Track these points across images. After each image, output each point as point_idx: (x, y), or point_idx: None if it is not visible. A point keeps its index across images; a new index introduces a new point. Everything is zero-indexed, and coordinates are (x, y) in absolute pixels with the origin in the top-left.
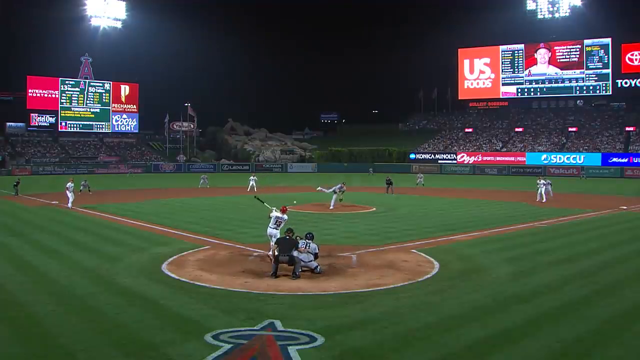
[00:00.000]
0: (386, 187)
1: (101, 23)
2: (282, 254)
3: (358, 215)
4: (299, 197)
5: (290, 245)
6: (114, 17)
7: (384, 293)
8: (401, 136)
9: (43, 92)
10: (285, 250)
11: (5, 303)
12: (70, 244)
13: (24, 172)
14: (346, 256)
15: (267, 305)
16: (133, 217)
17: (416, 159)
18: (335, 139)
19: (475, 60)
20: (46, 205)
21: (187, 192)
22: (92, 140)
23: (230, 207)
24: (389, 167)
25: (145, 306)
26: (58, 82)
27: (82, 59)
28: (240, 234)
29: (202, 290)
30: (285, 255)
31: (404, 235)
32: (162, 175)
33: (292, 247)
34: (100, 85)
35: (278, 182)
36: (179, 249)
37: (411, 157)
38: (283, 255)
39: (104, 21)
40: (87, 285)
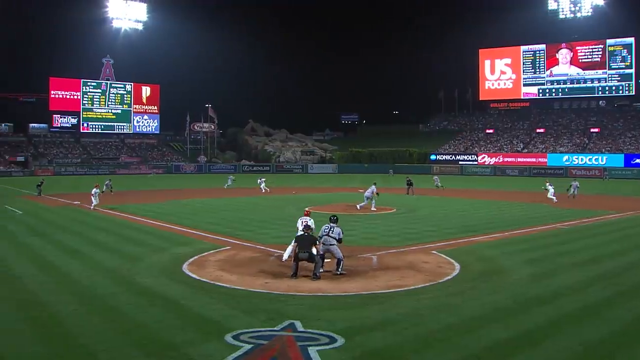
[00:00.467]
0: (406, 188)
1: (122, 25)
2: (302, 251)
3: (379, 216)
4: (321, 198)
5: (310, 242)
6: (135, 18)
7: (404, 294)
8: (422, 137)
9: (65, 93)
10: (305, 247)
11: (27, 303)
12: (92, 244)
13: (47, 172)
14: (367, 257)
15: (287, 306)
16: (154, 218)
17: (437, 160)
18: (356, 140)
19: (496, 60)
20: (68, 206)
21: (207, 192)
22: (113, 141)
23: (251, 207)
24: (409, 168)
25: (166, 306)
26: (80, 83)
27: (103, 61)
28: (260, 234)
29: (222, 290)
30: (305, 252)
31: (424, 236)
32: (182, 176)
33: (312, 244)
34: (121, 86)
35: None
36: (199, 249)
37: (432, 158)
38: (303, 252)
39: (125, 23)
40: (108, 285)
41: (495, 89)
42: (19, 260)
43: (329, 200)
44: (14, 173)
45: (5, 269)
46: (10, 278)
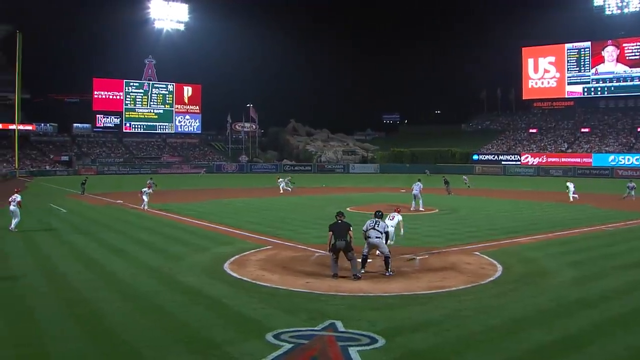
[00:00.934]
0: (445, 187)
1: (164, 25)
2: (339, 239)
3: (420, 217)
4: (362, 198)
5: (346, 229)
6: (176, 19)
7: (446, 295)
8: (464, 137)
9: (108, 94)
10: (341, 235)
11: (72, 300)
12: (135, 243)
13: (90, 171)
14: (408, 258)
15: (328, 306)
16: (196, 217)
17: (479, 160)
18: (397, 140)
19: (539, 59)
20: (111, 205)
21: (249, 192)
22: (155, 141)
23: (292, 207)
24: (451, 168)
25: (208, 305)
26: (123, 84)
27: (145, 61)
28: (301, 234)
29: (263, 289)
30: (342, 240)
31: (466, 237)
32: (224, 176)
33: (347, 230)
34: (163, 86)
35: (340, 182)
36: (240, 248)
37: (474, 158)
38: (340, 240)
39: (167, 23)
40: (151, 284)
41: (538, 88)
42: (64, 258)
43: (370, 200)
44: (58, 172)
45: (51, 266)
46: (56, 275)
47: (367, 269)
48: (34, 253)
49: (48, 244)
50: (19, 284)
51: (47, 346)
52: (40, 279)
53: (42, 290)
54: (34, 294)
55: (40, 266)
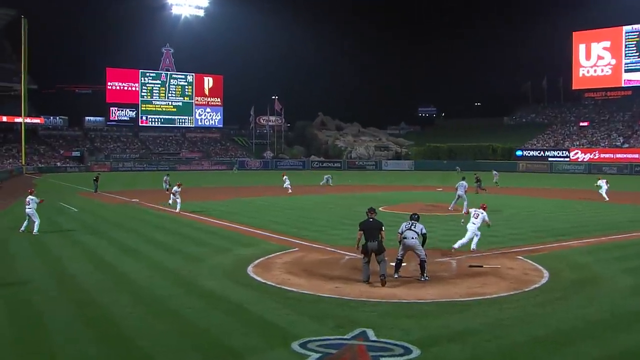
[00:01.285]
0: (476, 185)
1: (182, 12)
2: (371, 239)
3: (457, 217)
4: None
5: (377, 229)
6: (195, 4)
7: (486, 303)
8: (506, 131)
9: (123, 84)
10: (372, 235)
11: (83, 303)
12: (151, 244)
13: (103, 168)
14: (445, 261)
15: (358, 313)
16: (217, 216)
17: (523, 157)
18: (434, 134)
19: (592, 44)
20: (126, 203)
21: (274, 190)
22: (173, 136)
23: (320, 207)
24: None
25: (229, 310)
26: (138, 74)
27: (163, 50)
28: (330, 235)
29: (289, 294)
30: (374, 241)
31: (508, 239)
32: (247, 173)
33: (379, 230)
34: (182, 77)
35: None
36: (265, 250)
37: (517, 154)
38: (372, 240)
39: (186, 9)
40: (167, 287)
41: (590, 77)
42: (74, 258)
43: (404, 199)
44: (69, 169)
45: (60, 267)
46: (65, 277)
47: (401, 273)
48: (43, 255)
49: (58, 245)
50: (27, 288)
51: (57, 354)
52: (49, 281)
53: (51, 294)
54: (42, 298)
55: (49, 268)
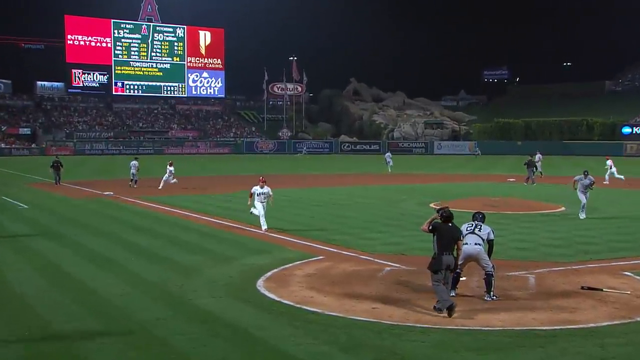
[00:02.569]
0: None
1: None
2: (446, 252)
3: (537, 217)
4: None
5: (456, 237)
6: None
7: (579, 335)
8: (608, 101)
9: (89, 39)
10: (449, 246)
11: (35, 332)
12: (130, 250)
13: (64, 150)
14: (520, 276)
15: (403, 342)
16: (218, 215)
17: (633, 135)
18: (505, 107)
19: None
20: (96, 197)
21: (292, 180)
22: (160, 108)
23: (353, 202)
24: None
25: (232, 338)
26: (110, 25)
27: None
28: (365, 239)
29: (311, 317)
30: (450, 254)
31: (610, 249)
32: (258, 157)
33: (457, 240)
34: (170, 30)
35: (419, 167)
36: (280, 259)
37: (624, 131)
38: (447, 253)
39: None
40: (151, 308)
41: None
42: (22, 271)
43: (463, 192)
44: (15, 151)
45: (1, 283)
46: (8, 296)
47: (460, 289)
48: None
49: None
50: None
51: None
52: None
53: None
54: None
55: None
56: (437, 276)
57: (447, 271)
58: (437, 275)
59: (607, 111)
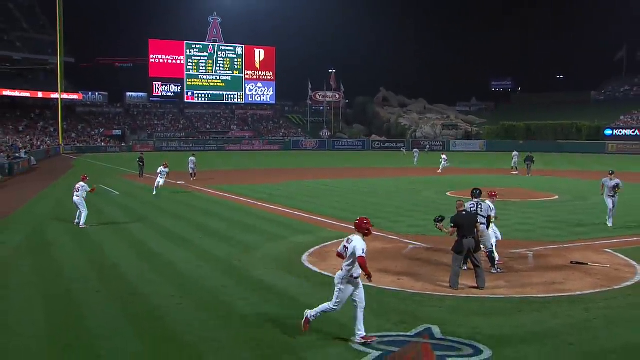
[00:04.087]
0: (526, 166)
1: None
2: (467, 236)
3: (536, 204)
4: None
5: (474, 222)
6: None
7: (567, 301)
8: (594, 107)
9: (166, 57)
10: (469, 230)
11: (125, 295)
12: (199, 230)
13: (146, 147)
14: (520, 253)
15: (423, 308)
16: (270, 201)
17: (613, 136)
18: (509, 112)
19: None
20: (171, 187)
21: (332, 172)
22: (222, 113)
23: (383, 191)
24: (577, 146)
25: (283, 303)
26: (183, 46)
27: (210, 20)
28: (393, 222)
29: None
30: (471, 238)
31: (596, 230)
32: (302, 153)
33: (475, 224)
34: (231, 49)
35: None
36: (322, 238)
37: (607, 133)
38: (468, 237)
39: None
40: (217, 277)
41: None
42: (116, 246)
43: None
44: (109, 148)
45: (101, 256)
46: (106, 267)
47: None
48: (82, 242)
49: (98, 232)
50: (65, 278)
51: (97, 347)
52: (89, 271)
53: (91, 285)
54: (82, 289)
55: (89, 257)
56: (459, 257)
57: (472, 253)
58: (459, 256)
59: (592, 116)
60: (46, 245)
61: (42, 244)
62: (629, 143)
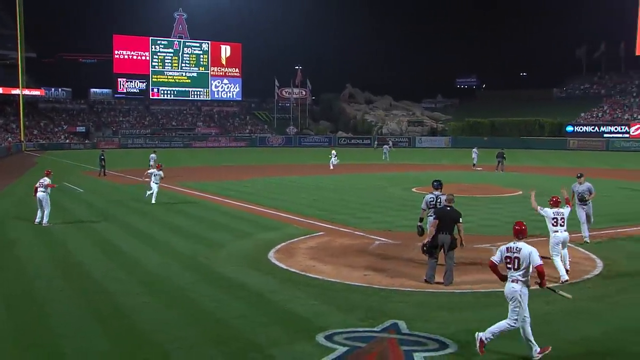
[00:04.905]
0: (498, 162)
1: None
2: (443, 232)
3: (501, 200)
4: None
5: (455, 220)
6: None
7: (531, 295)
8: (556, 104)
9: (131, 53)
10: (447, 227)
11: (91, 292)
12: (165, 228)
13: (111, 145)
14: (486, 248)
15: (390, 303)
16: (236, 198)
17: (574, 132)
18: (474, 108)
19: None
20: (137, 183)
21: (298, 169)
22: (188, 109)
23: (348, 187)
24: (540, 143)
25: (249, 300)
26: (148, 42)
27: (175, 15)
28: (359, 219)
29: (314, 282)
30: (447, 234)
31: None
32: (269, 150)
33: (456, 221)
34: (197, 45)
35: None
36: (288, 234)
37: (568, 129)
38: (444, 233)
39: None
40: (183, 275)
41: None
42: (80, 244)
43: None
44: (73, 146)
45: (65, 254)
46: (70, 265)
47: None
48: (45, 240)
49: (61, 229)
50: (29, 276)
51: (62, 346)
52: (53, 270)
53: (55, 283)
54: (46, 288)
55: (52, 255)
56: (434, 253)
57: (448, 251)
58: (433, 250)
59: (554, 113)
60: (8, 244)
61: (3, 242)
62: (589, 139)
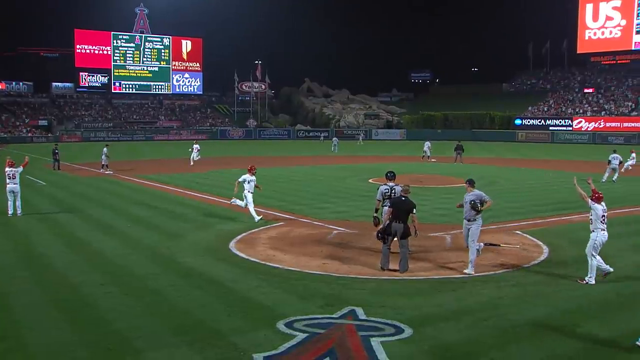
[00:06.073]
0: (456, 154)
1: None
2: (397, 220)
3: (452, 190)
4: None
5: (408, 209)
6: None
7: (482, 280)
8: (505, 98)
9: (93, 48)
10: (400, 216)
11: (55, 284)
12: (127, 219)
13: (74, 138)
14: (439, 236)
15: (347, 290)
16: (197, 189)
17: (522, 125)
18: (428, 102)
19: (600, 4)
20: (99, 176)
21: (258, 161)
22: (149, 103)
23: (307, 178)
24: (490, 134)
25: (211, 289)
26: (110, 36)
27: (136, 10)
28: (318, 209)
29: (274, 271)
30: (400, 222)
31: (505, 213)
32: (229, 143)
33: (409, 211)
34: (158, 40)
35: (361, 151)
36: (248, 225)
37: (517, 122)
38: (398, 222)
39: None
40: (146, 265)
41: (597, 40)
42: (43, 236)
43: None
44: (35, 139)
45: (29, 246)
46: (34, 256)
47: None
48: (7, 232)
49: (24, 222)
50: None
51: (25, 337)
52: (15, 262)
53: (19, 274)
54: (7, 280)
55: (14, 247)
56: (387, 241)
57: (400, 239)
58: (383, 244)
59: (504, 107)
60: None
61: None
62: (536, 132)
